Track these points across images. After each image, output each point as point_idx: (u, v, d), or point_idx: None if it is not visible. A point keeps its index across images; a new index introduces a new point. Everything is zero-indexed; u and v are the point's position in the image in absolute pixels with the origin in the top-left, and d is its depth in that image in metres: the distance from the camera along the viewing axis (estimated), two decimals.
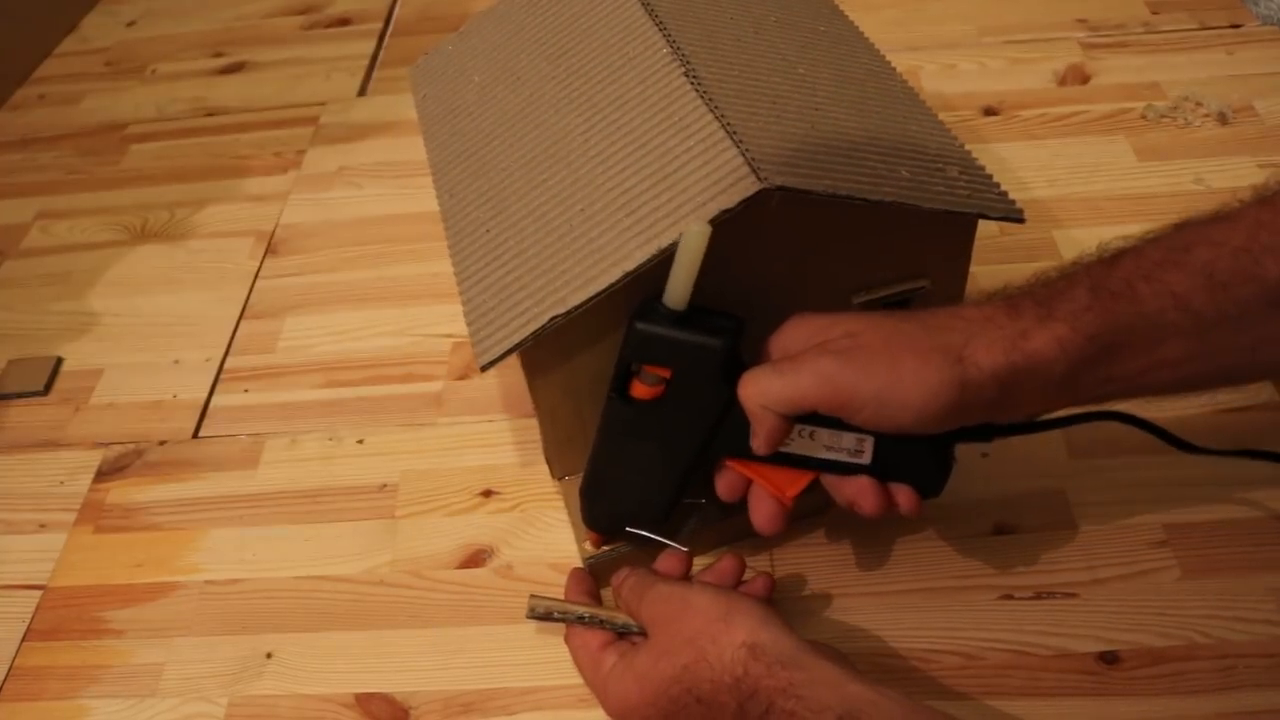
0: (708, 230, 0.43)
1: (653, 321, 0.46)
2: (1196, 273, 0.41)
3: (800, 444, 0.47)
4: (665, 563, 0.52)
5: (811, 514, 0.59)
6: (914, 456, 0.47)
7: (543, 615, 0.52)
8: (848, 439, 0.47)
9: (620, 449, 0.51)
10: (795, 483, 0.49)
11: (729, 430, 0.47)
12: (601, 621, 0.51)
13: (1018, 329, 0.43)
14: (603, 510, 0.54)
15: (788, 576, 0.57)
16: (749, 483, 0.50)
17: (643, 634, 0.49)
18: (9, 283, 0.85)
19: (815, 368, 0.44)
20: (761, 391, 0.45)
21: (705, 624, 0.46)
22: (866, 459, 0.47)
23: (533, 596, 0.52)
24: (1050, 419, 0.47)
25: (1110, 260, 0.44)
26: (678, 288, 0.45)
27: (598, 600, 0.54)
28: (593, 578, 0.55)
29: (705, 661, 0.45)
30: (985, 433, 0.46)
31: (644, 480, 0.51)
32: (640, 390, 0.48)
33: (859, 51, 0.61)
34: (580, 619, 0.51)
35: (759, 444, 0.47)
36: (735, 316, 0.48)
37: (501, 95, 0.60)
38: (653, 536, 0.54)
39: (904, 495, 0.48)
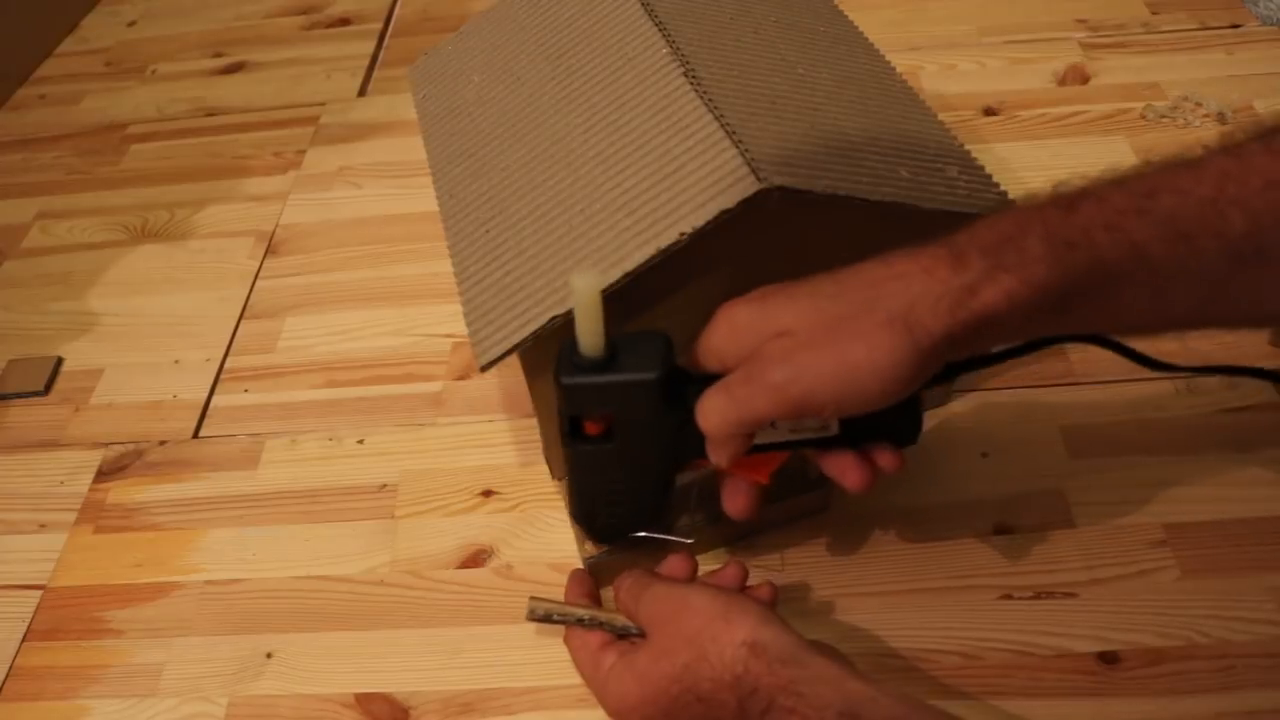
0: (596, 281, 0.42)
1: (578, 373, 0.45)
2: (1160, 222, 0.39)
3: (765, 434, 0.46)
4: (669, 566, 0.52)
5: (812, 513, 0.59)
6: (879, 415, 0.44)
7: (542, 618, 0.52)
8: (809, 420, 0.46)
9: (593, 480, 0.51)
10: (768, 464, 0.48)
11: (692, 436, 0.46)
12: (601, 623, 0.51)
13: (963, 283, 0.40)
14: (599, 526, 0.54)
15: (788, 576, 0.57)
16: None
17: (642, 635, 0.49)
18: (9, 283, 0.85)
19: (765, 382, 0.42)
20: (721, 418, 0.44)
21: (705, 623, 0.46)
22: (834, 429, 0.46)
23: (532, 599, 0.52)
24: (1007, 350, 0.47)
25: (1068, 204, 0.41)
26: (588, 338, 0.44)
27: (598, 601, 0.54)
28: (593, 578, 0.55)
29: (705, 660, 0.45)
30: (946, 374, 0.44)
31: (626, 497, 0.51)
32: (591, 428, 0.48)
33: (858, 52, 0.61)
34: (580, 621, 0.51)
35: (721, 459, 0.46)
36: (658, 334, 0.46)
37: (501, 95, 0.60)
38: (657, 535, 0.54)
39: (884, 457, 0.47)
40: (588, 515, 0.54)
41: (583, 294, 0.42)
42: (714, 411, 0.44)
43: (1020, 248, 0.40)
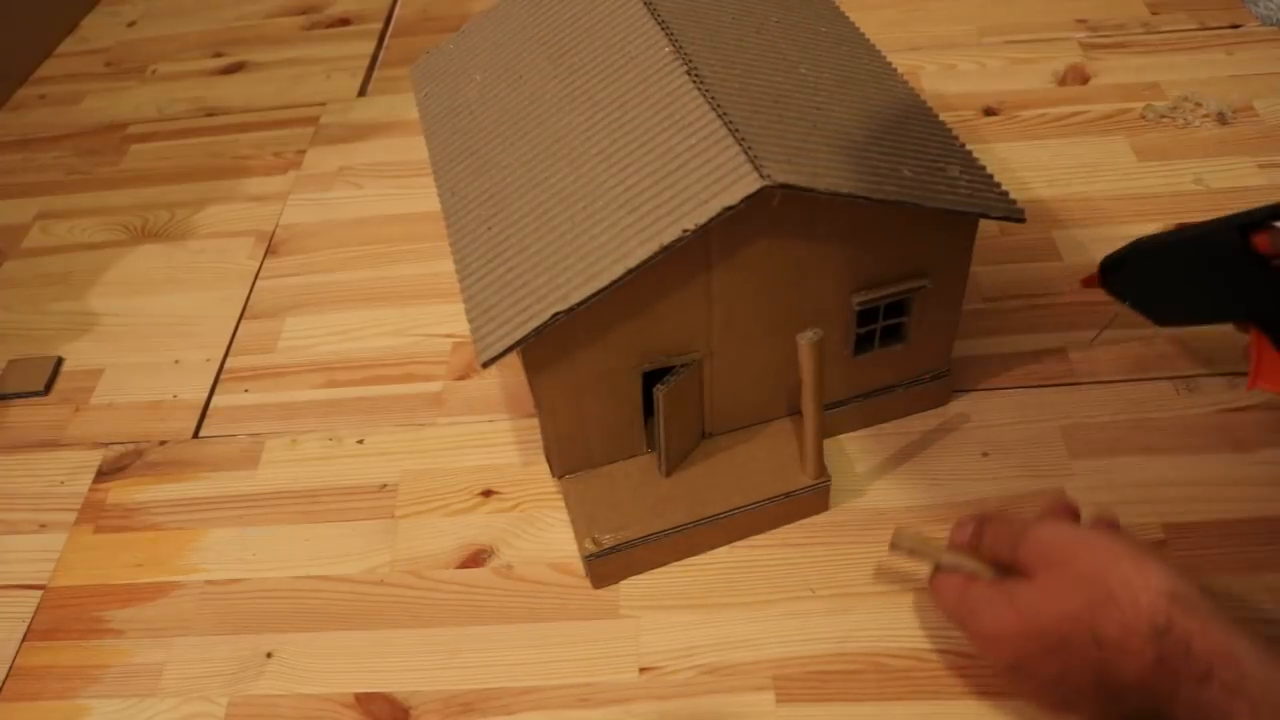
0: None
1: None
2: None
3: None
4: (1053, 509, 0.50)
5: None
6: None
7: (909, 549, 0.51)
8: None
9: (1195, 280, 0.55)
10: None
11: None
12: (966, 567, 0.49)
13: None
14: (1131, 282, 0.57)
15: (788, 577, 0.57)
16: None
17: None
18: (9, 283, 0.85)
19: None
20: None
21: (1112, 562, 0.43)
22: None
23: (899, 530, 0.51)
24: None
25: None
26: None
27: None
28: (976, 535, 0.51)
29: (1114, 602, 0.41)
30: None
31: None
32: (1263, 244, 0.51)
33: (860, 52, 0.61)
34: (943, 564, 0.50)
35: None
36: None
37: (503, 93, 0.60)
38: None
39: None
40: (1144, 265, 0.56)
41: None
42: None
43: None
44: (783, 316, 0.54)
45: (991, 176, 0.54)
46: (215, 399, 0.72)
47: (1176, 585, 0.42)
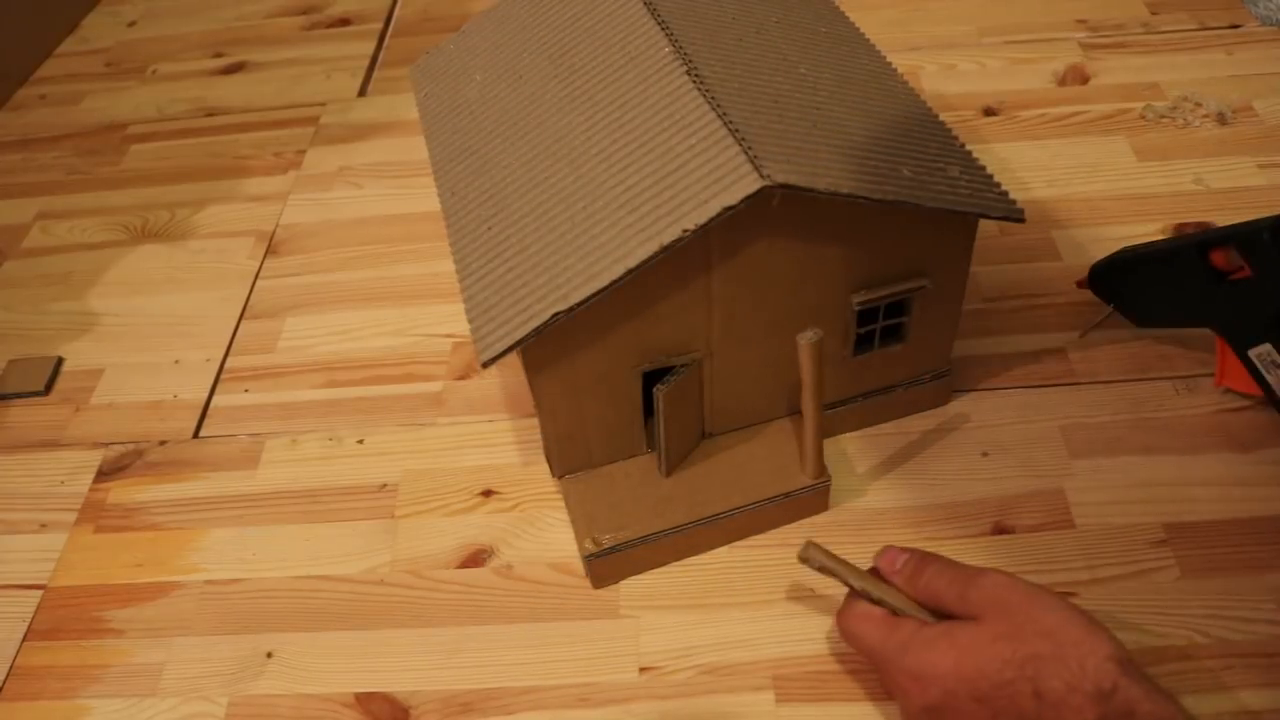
0: None
1: None
2: None
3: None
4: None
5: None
6: None
7: (818, 567, 0.50)
8: None
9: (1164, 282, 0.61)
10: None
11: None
12: (882, 600, 0.49)
13: None
14: (1115, 287, 0.64)
15: (787, 577, 0.57)
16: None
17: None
18: (9, 283, 0.85)
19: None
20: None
21: (1065, 622, 0.43)
22: None
23: (810, 543, 0.50)
24: None
25: None
26: None
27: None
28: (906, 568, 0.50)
29: (1062, 660, 0.42)
30: None
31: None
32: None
33: (860, 52, 0.61)
34: (860, 590, 0.49)
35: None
36: None
37: (503, 93, 0.60)
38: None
39: None
40: (1122, 271, 0.63)
41: None
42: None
43: None
44: (783, 316, 0.54)
45: (991, 176, 0.54)
46: (215, 399, 0.72)
47: (1124, 654, 0.42)
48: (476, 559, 0.60)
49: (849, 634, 0.49)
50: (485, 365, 0.48)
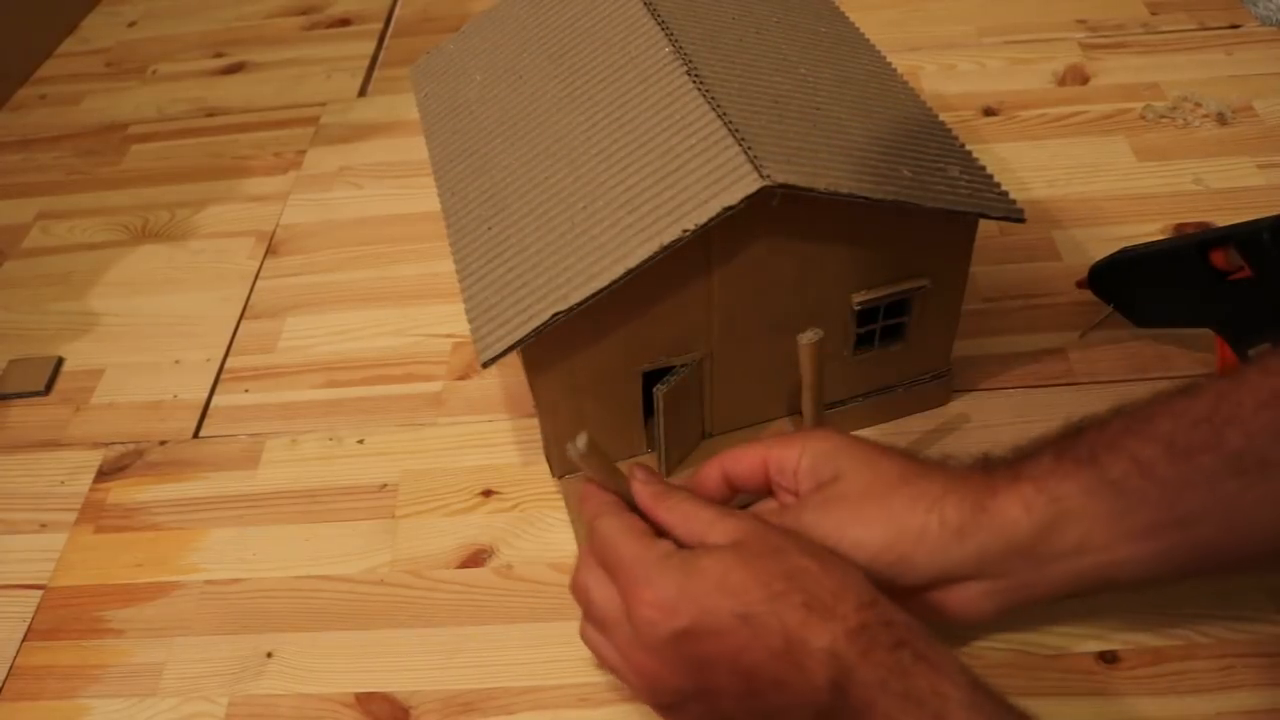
0: None
1: None
2: (1157, 440, 0.42)
3: None
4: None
5: None
6: None
7: (579, 456, 0.45)
8: None
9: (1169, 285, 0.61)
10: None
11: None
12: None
13: (988, 486, 0.44)
14: (1114, 287, 0.64)
15: None
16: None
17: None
18: (9, 283, 0.85)
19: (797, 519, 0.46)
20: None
21: (819, 550, 0.43)
22: None
23: (591, 443, 0.46)
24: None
25: (1075, 432, 0.45)
26: None
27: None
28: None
29: (827, 572, 0.42)
30: None
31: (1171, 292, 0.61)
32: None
33: (860, 52, 0.61)
34: (621, 493, 0.47)
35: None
36: None
37: (503, 93, 0.60)
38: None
39: None
40: (1123, 271, 0.63)
41: None
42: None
43: (1034, 462, 0.44)
44: (782, 316, 0.54)
45: (991, 176, 0.54)
46: (215, 399, 0.72)
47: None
48: (476, 559, 0.60)
49: (606, 543, 0.44)
50: (485, 365, 0.48)
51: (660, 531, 0.45)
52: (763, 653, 0.40)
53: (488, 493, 0.63)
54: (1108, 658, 0.51)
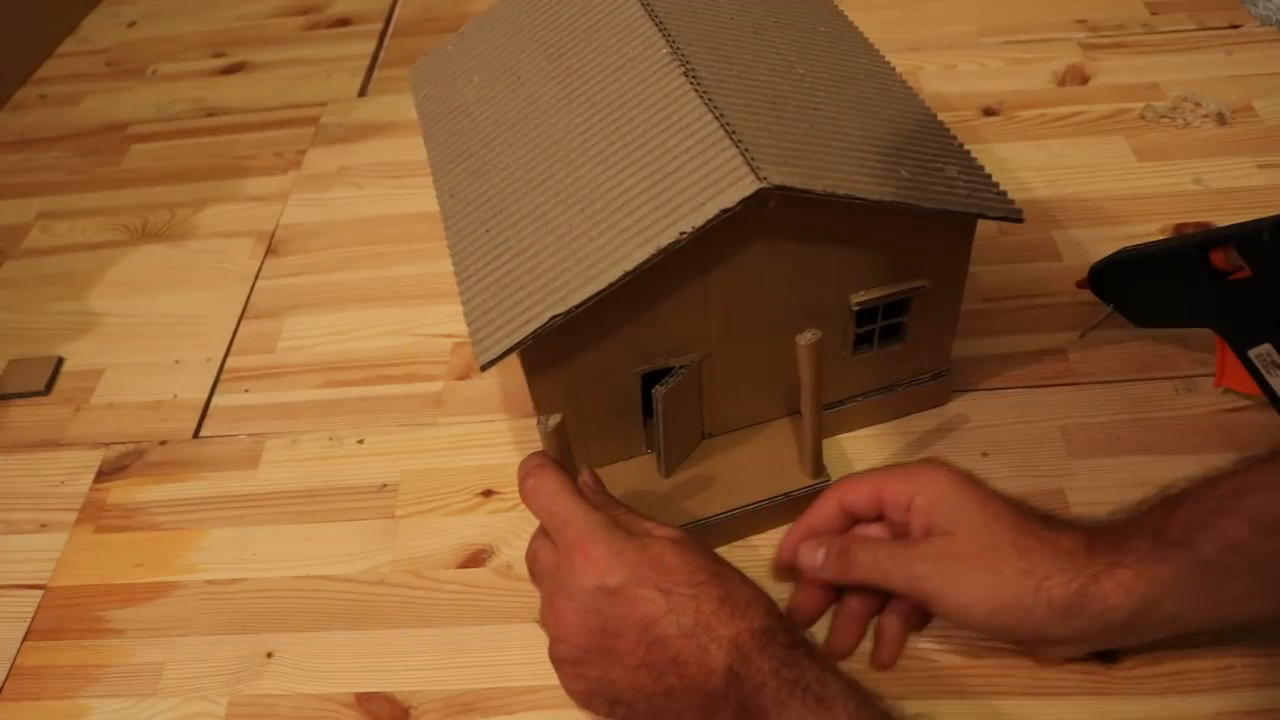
0: None
1: None
2: (1248, 520, 0.44)
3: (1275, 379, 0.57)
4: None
5: None
6: None
7: (548, 433, 0.49)
8: None
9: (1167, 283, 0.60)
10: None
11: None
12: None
13: (1092, 571, 0.45)
14: (1114, 287, 0.64)
15: (787, 577, 0.57)
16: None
17: None
18: (9, 283, 0.85)
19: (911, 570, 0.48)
20: (875, 563, 0.49)
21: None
22: None
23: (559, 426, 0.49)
24: None
25: (1170, 507, 0.46)
26: None
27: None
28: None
29: (746, 584, 0.47)
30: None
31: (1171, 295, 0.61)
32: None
33: (858, 52, 0.61)
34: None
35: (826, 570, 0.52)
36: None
37: (501, 95, 0.60)
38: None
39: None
40: (1128, 272, 0.63)
41: None
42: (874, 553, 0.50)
43: (1135, 546, 0.46)
44: (781, 317, 0.54)
45: (990, 177, 0.54)
46: (215, 399, 0.72)
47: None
48: (476, 559, 0.60)
49: (555, 502, 0.48)
50: (484, 368, 0.49)
51: None
52: (672, 627, 0.44)
53: (488, 493, 0.63)
54: (1107, 657, 0.51)
